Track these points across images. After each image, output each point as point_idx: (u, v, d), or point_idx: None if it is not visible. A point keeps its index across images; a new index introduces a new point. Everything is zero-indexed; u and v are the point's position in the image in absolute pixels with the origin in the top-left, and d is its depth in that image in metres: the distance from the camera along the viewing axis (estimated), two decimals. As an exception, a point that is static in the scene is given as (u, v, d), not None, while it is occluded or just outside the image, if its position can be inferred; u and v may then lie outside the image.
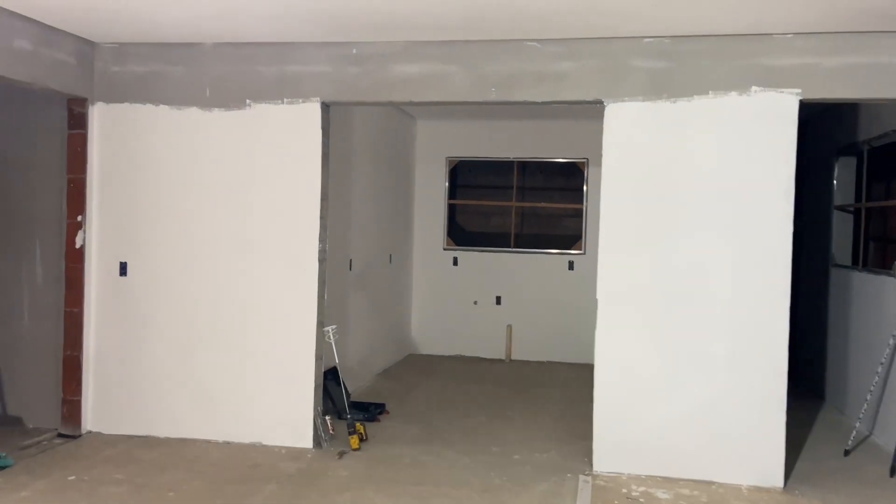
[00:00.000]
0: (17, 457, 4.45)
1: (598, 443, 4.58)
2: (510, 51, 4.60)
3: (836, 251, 6.48)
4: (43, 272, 5.10)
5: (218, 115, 4.89)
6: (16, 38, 4.29)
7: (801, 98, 4.29)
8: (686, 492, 4.26)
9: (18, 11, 4.24)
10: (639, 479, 4.44)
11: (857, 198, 6.23)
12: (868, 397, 5.13)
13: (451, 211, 8.67)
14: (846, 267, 6.20)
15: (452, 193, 8.66)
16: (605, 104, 4.54)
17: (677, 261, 4.47)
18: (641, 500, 4.12)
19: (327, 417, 4.97)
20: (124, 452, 4.67)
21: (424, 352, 8.58)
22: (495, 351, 8.40)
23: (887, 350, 5.01)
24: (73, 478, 4.19)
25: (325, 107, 4.84)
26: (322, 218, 4.85)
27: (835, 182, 6.51)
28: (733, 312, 4.39)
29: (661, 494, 4.20)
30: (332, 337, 5.06)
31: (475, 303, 8.47)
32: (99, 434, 5.02)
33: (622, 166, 4.53)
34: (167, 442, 4.90)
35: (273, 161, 4.85)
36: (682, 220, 4.46)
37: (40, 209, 5.09)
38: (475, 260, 8.51)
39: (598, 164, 4.60)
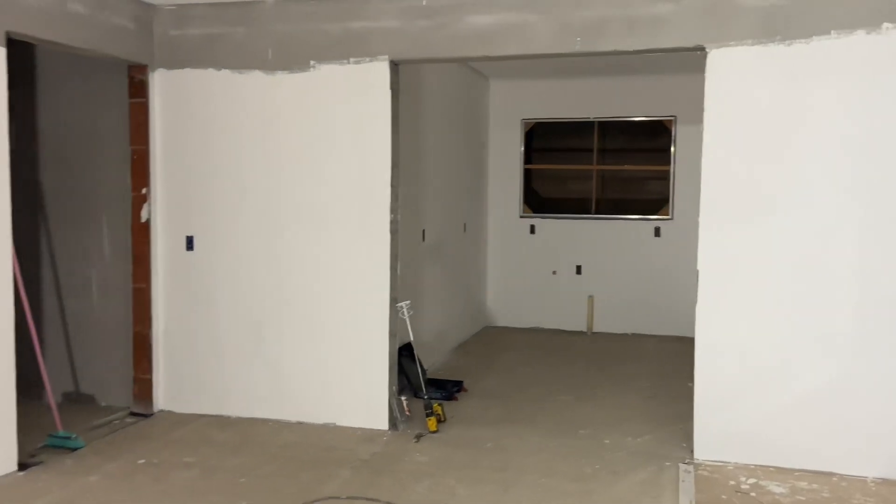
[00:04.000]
0: (88, 437, 4.34)
1: (700, 428, 4.15)
2: (598, -6, 4.13)
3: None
4: (110, 247, 4.96)
5: (281, 78, 4.59)
6: (69, 0, 4.07)
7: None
8: (804, 485, 3.79)
9: (72, -27, 4.02)
10: (747, 470, 3.99)
11: None
12: None
13: (528, 176, 8.21)
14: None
15: (528, 158, 8.19)
16: (707, 50, 4.02)
17: (793, 229, 3.94)
18: (753, 493, 3.69)
19: (403, 398, 4.70)
20: (195, 432, 4.52)
21: (501, 324, 8.23)
22: (576, 323, 7.97)
23: None
24: (142, 461, 4.05)
25: (394, 65, 4.47)
26: (393, 186, 4.51)
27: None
28: (861, 287, 3.85)
29: (774, 488, 3.75)
30: (406, 313, 4.77)
31: (554, 272, 8.04)
32: (171, 413, 4.89)
33: (727, 122, 4.02)
34: (239, 422, 4.72)
35: (340, 126, 4.53)
36: (800, 183, 3.92)
37: (106, 182, 4.93)
38: (553, 227, 8.06)
39: (688, 122, 4.11)
